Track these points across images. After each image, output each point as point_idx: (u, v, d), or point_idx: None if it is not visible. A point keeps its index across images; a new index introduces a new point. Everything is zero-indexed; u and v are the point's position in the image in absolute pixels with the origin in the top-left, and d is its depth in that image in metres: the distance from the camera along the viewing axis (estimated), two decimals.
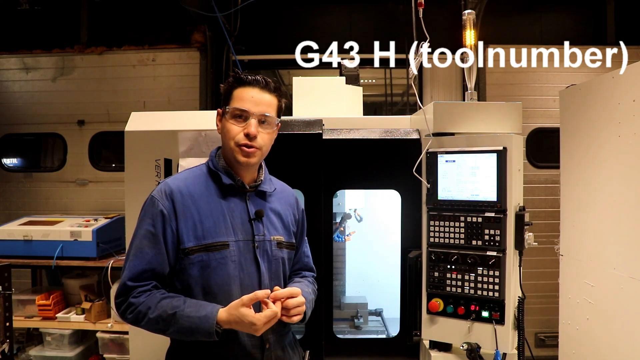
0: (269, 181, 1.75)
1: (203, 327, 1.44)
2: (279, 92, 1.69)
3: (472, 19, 2.27)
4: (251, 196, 1.68)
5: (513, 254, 1.94)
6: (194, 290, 1.56)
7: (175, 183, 1.62)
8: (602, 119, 1.97)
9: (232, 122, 1.61)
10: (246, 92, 1.61)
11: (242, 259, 1.58)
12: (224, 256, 1.57)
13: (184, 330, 1.46)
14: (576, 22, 5.19)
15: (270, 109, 1.63)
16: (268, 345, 1.61)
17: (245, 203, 1.65)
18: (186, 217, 1.56)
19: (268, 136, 1.65)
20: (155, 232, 1.54)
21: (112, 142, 5.24)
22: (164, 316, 1.46)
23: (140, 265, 1.51)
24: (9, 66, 5.21)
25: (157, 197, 1.57)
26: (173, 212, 1.55)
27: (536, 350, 4.61)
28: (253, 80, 1.62)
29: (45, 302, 3.63)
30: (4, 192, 5.19)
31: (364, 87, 2.99)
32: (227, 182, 1.63)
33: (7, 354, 2.49)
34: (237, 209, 1.63)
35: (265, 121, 1.62)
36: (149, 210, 1.57)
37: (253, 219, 1.63)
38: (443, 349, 2.08)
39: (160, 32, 5.18)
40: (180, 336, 1.50)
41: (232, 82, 1.64)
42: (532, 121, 4.87)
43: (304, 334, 2.23)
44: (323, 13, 5.27)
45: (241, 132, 1.59)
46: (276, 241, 1.67)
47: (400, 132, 2.32)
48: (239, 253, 1.59)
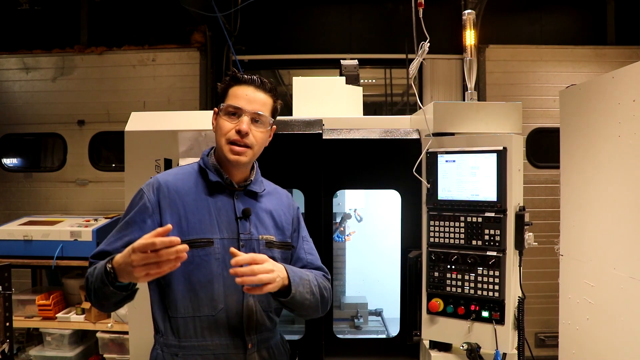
0: (260, 182, 1.75)
1: (101, 269, 1.40)
2: (275, 92, 1.69)
3: (472, 19, 2.27)
4: (240, 195, 1.67)
5: (513, 254, 1.94)
6: (176, 286, 1.56)
7: (164, 177, 1.64)
8: (602, 119, 1.97)
9: (225, 118, 1.62)
10: (241, 90, 1.62)
11: (226, 257, 1.57)
12: (208, 253, 1.56)
13: (94, 281, 1.44)
14: (576, 22, 5.19)
15: (264, 108, 1.63)
16: (251, 345, 1.60)
17: (233, 201, 1.65)
18: (172, 212, 1.57)
19: (260, 135, 1.64)
20: (130, 222, 1.56)
21: (112, 142, 5.25)
22: (91, 271, 1.49)
23: (103, 247, 1.57)
24: (9, 66, 5.22)
25: (145, 190, 1.61)
26: (157, 206, 1.57)
27: (536, 350, 4.61)
28: (249, 79, 1.64)
29: (45, 302, 3.64)
30: (4, 192, 5.20)
31: (364, 87, 2.99)
32: (213, 179, 1.63)
33: (7, 354, 2.49)
34: (224, 207, 1.63)
35: (259, 120, 1.62)
36: (134, 202, 1.61)
37: (239, 218, 1.63)
38: (443, 349, 2.08)
39: (161, 32, 5.18)
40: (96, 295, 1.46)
41: (229, 81, 1.66)
42: (532, 121, 4.88)
43: (303, 334, 2.23)
44: (323, 13, 5.27)
45: (233, 128, 1.59)
46: (265, 240, 1.66)
47: (400, 132, 2.32)
48: (223, 251, 1.58)
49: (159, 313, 1.61)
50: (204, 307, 1.56)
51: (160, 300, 1.60)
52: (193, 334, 1.57)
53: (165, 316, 1.60)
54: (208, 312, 1.57)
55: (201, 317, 1.57)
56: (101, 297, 1.45)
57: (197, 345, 1.56)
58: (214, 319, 1.57)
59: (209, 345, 1.57)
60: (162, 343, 1.60)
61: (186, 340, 1.57)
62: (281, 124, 2.26)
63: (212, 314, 1.57)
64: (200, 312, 1.57)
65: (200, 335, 1.57)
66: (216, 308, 1.57)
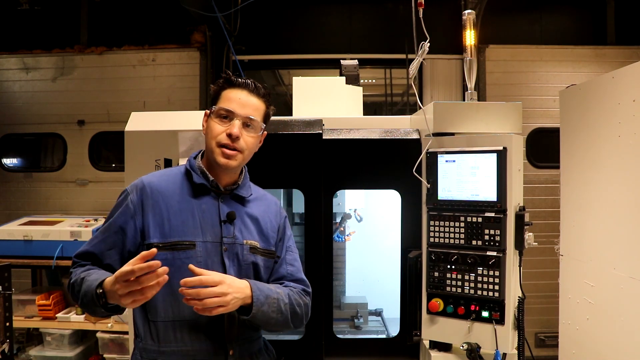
0: (248, 187, 1.72)
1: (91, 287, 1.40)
2: (268, 98, 1.67)
3: (472, 19, 2.27)
4: (226, 198, 1.65)
5: (513, 254, 1.94)
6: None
7: (149, 179, 1.63)
8: (602, 119, 1.97)
9: (216, 121, 1.59)
10: (234, 94, 1.60)
11: (208, 260, 1.55)
12: (189, 256, 1.53)
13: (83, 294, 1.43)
14: (576, 22, 5.19)
15: (256, 113, 1.62)
16: (232, 351, 1.57)
17: (218, 204, 1.62)
18: (154, 213, 1.56)
19: (251, 140, 1.62)
20: (113, 224, 1.57)
21: (112, 142, 5.25)
22: (78, 281, 1.47)
23: (87, 247, 1.58)
24: (9, 66, 5.22)
25: (128, 191, 1.61)
26: (140, 207, 1.56)
27: (536, 350, 4.61)
28: (242, 82, 1.62)
29: (45, 302, 3.64)
30: (4, 192, 5.20)
31: (364, 87, 2.99)
32: (197, 181, 1.61)
33: (7, 354, 2.49)
34: (209, 209, 1.60)
35: (250, 125, 1.61)
36: (118, 202, 1.61)
37: (223, 221, 1.60)
38: (443, 349, 2.08)
39: (160, 32, 5.19)
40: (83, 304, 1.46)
41: (222, 83, 1.64)
42: (532, 121, 4.88)
43: (303, 334, 2.23)
44: (323, 13, 5.27)
45: (224, 132, 1.57)
46: (249, 245, 1.63)
47: (400, 132, 2.32)
48: (205, 254, 1.56)
49: (139, 317, 1.57)
50: (185, 311, 1.52)
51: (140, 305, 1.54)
52: (173, 338, 1.54)
53: (145, 321, 1.57)
54: (188, 316, 1.53)
55: (182, 321, 1.54)
56: (90, 310, 1.48)
57: (177, 351, 1.54)
58: (194, 323, 1.54)
59: (189, 351, 1.54)
60: (141, 348, 1.56)
61: (166, 345, 1.54)
62: (281, 124, 2.26)
63: (193, 318, 1.53)
64: (181, 316, 1.54)
65: (181, 340, 1.54)
66: (196, 313, 1.50)
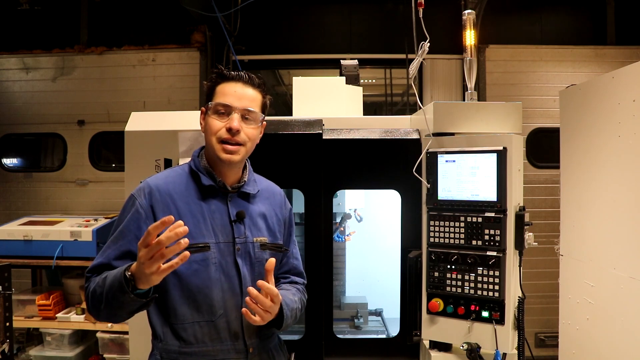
0: (253, 182, 1.71)
1: (117, 276, 1.34)
2: (263, 87, 1.65)
3: (472, 19, 2.27)
4: (233, 197, 1.63)
5: (513, 254, 1.94)
6: (172, 292, 1.53)
7: (155, 182, 1.59)
8: (602, 119, 1.97)
9: (214, 117, 1.57)
10: (229, 87, 1.58)
11: (222, 261, 1.55)
12: (206, 258, 1.53)
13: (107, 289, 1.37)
14: (576, 22, 5.19)
15: (253, 104, 1.60)
16: (252, 349, 1.58)
17: (227, 205, 1.61)
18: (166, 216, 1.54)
19: (252, 132, 1.60)
20: (124, 231, 1.51)
21: (112, 142, 5.25)
22: (100, 283, 1.42)
23: (99, 260, 1.52)
24: (9, 66, 5.22)
25: (136, 196, 1.55)
26: (151, 211, 1.53)
27: (536, 350, 4.61)
28: (236, 75, 1.59)
29: (45, 302, 3.64)
30: (4, 192, 5.19)
31: (364, 87, 2.99)
32: (206, 183, 1.59)
33: (7, 354, 2.49)
34: (218, 210, 1.59)
35: (249, 117, 1.58)
36: (126, 208, 1.56)
37: (234, 221, 1.59)
38: (443, 349, 2.08)
39: (161, 32, 5.19)
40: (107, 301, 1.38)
41: (215, 78, 1.61)
42: (532, 121, 4.88)
43: (303, 334, 2.23)
44: (323, 13, 5.27)
45: (223, 127, 1.55)
46: (259, 242, 1.63)
47: (400, 132, 2.32)
48: (219, 255, 1.55)
49: (156, 319, 1.57)
50: (204, 313, 1.54)
51: (157, 306, 1.56)
52: (194, 340, 1.54)
53: (163, 322, 1.56)
54: (208, 317, 1.54)
55: (201, 322, 1.54)
56: (116, 306, 1.38)
57: (198, 352, 1.54)
58: (213, 324, 1.55)
59: (210, 351, 1.55)
60: (161, 349, 1.56)
61: (187, 346, 1.54)
62: (281, 124, 2.26)
63: (212, 320, 1.55)
64: (200, 317, 1.54)
65: (201, 341, 1.54)
66: (215, 313, 1.55)
